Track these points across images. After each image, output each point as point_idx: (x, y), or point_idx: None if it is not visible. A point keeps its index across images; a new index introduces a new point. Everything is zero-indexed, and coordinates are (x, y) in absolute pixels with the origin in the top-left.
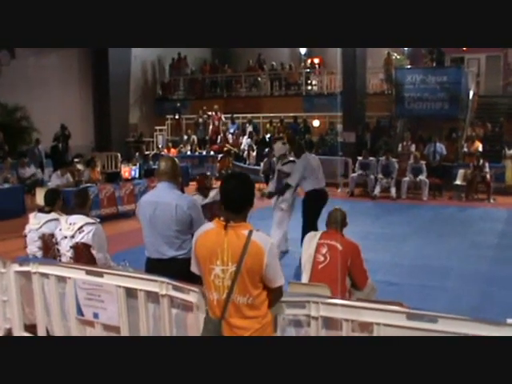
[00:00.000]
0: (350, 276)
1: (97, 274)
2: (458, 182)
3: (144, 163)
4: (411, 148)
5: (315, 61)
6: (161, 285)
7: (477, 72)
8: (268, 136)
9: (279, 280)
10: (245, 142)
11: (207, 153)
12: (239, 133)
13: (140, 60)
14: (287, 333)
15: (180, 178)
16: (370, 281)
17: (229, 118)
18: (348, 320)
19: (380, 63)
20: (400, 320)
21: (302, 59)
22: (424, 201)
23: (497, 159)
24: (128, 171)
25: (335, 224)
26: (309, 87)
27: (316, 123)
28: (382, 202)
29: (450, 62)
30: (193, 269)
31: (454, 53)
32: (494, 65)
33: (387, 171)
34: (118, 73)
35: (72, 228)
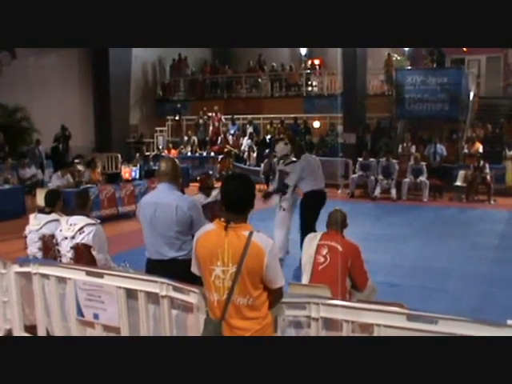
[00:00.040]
0: (351, 277)
1: (97, 275)
2: (459, 183)
3: (144, 164)
4: (411, 149)
5: (316, 62)
6: (161, 286)
7: (477, 73)
8: (268, 137)
9: (279, 281)
10: (245, 143)
11: (207, 154)
12: (239, 134)
13: (140, 60)
14: (287, 334)
15: (180, 179)
16: (371, 282)
17: (229, 119)
18: (348, 321)
19: (380, 64)
20: (400, 321)
21: (303, 60)
22: (424, 202)
23: (497, 160)
24: (128, 172)
25: (335, 225)
26: (309, 88)
27: (316, 124)
28: (383, 203)
29: (451, 63)
30: (193, 269)
31: (455, 54)
32: (495, 66)
33: (387, 172)
34: (119, 73)
35: (72, 229)
